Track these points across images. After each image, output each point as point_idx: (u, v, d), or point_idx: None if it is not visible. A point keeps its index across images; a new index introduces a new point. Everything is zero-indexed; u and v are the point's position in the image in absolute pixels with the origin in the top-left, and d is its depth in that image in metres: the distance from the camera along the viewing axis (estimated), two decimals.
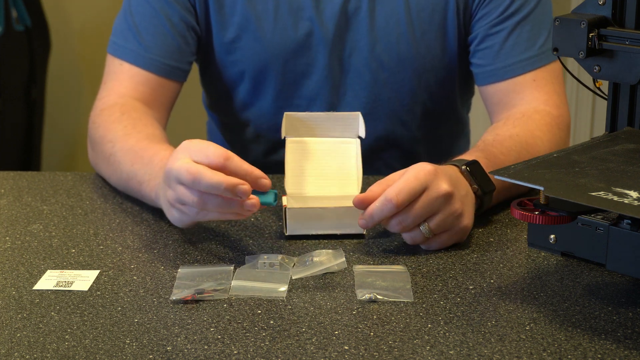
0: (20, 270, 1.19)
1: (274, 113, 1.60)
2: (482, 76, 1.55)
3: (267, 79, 1.58)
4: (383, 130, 1.61)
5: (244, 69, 1.58)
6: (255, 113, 1.62)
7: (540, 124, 1.46)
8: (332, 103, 1.58)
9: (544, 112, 1.49)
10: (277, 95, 1.59)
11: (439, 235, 1.23)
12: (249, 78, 1.59)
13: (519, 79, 1.52)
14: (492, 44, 1.53)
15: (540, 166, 1.12)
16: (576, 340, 1.02)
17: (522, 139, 1.42)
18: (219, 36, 1.56)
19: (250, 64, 1.57)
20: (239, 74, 1.59)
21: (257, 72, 1.57)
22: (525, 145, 1.41)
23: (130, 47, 1.53)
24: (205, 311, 1.08)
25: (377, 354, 0.99)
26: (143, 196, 1.36)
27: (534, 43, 1.52)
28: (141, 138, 1.41)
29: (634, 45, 1.18)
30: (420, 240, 1.22)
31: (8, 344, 1.01)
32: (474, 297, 1.11)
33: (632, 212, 0.99)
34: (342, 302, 1.10)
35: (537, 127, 1.46)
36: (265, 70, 1.57)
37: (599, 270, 1.18)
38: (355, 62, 1.56)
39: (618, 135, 1.22)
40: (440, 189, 1.20)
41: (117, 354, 0.99)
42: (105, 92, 1.54)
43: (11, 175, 1.52)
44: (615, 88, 1.24)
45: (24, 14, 2.98)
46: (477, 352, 0.99)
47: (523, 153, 1.38)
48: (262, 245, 1.26)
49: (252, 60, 1.56)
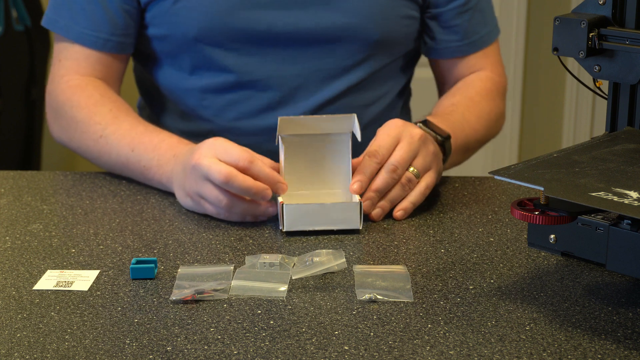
0: (20, 270, 1.19)
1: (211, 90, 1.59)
2: (444, 52, 1.64)
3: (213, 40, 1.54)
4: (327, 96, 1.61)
5: (188, 31, 1.54)
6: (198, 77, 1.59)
7: (481, 90, 1.62)
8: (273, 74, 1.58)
9: (487, 78, 1.64)
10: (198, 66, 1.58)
11: (425, 176, 1.36)
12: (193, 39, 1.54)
13: (474, 55, 1.64)
14: (461, 22, 1.61)
15: (540, 166, 1.12)
16: (576, 340, 1.02)
17: (462, 106, 1.57)
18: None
19: (195, 24, 1.53)
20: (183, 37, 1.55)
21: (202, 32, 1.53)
22: (464, 110, 1.56)
23: (74, 27, 1.55)
24: (205, 311, 1.08)
25: (377, 354, 0.99)
26: (148, 180, 1.44)
27: (491, 18, 1.66)
28: (134, 123, 1.48)
29: (634, 45, 1.18)
30: (412, 185, 1.34)
31: (8, 344, 1.01)
32: (474, 297, 1.11)
33: (632, 212, 0.99)
34: (342, 302, 1.10)
35: (477, 93, 1.61)
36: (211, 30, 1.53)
37: (599, 270, 1.18)
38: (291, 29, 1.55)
39: (618, 135, 1.22)
40: (414, 132, 1.35)
41: (117, 354, 0.99)
42: (64, 71, 1.57)
43: (11, 175, 1.52)
44: (615, 88, 1.24)
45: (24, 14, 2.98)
46: (477, 352, 0.99)
47: (464, 124, 1.53)
48: (262, 245, 1.26)
49: (197, 20, 1.52)
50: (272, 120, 1.55)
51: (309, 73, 1.57)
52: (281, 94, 1.57)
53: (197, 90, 1.58)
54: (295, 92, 1.57)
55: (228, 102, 1.58)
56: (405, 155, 1.33)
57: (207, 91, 1.58)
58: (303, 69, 1.56)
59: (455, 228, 1.31)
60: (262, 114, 1.58)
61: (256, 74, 1.56)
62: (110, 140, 1.48)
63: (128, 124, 1.48)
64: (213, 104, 1.58)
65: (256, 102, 1.57)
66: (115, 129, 1.48)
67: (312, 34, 1.54)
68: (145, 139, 1.44)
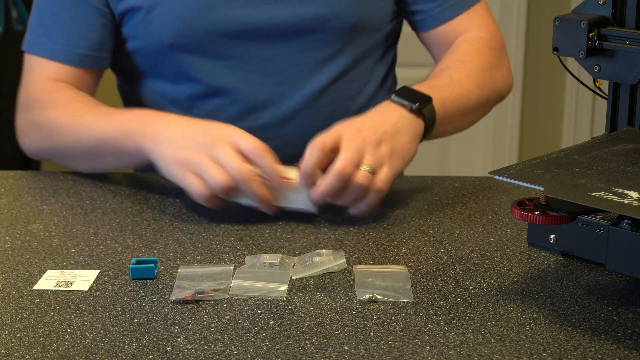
0: (20, 270, 1.19)
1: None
2: (427, 22, 1.61)
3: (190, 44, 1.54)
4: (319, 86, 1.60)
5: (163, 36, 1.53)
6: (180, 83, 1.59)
7: (468, 49, 1.57)
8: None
9: (473, 38, 1.59)
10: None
11: (382, 167, 1.30)
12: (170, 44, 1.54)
13: (457, 18, 1.61)
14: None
15: (540, 166, 1.12)
16: (576, 340, 1.02)
17: (450, 69, 1.52)
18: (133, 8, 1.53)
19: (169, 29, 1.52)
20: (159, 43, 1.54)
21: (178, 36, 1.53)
22: (452, 72, 1.51)
23: (47, 43, 1.55)
24: (205, 311, 1.08)
25: (377, 354, 0.99)
26: (122, 149, 1.41)
27: None
28: (113, 108, 1.47)
29: (634, 45, 1.18)
30: (369, 181, 1.29)
31: (8, 344, 1.01)
32: (474, 297, 1.11)
33: (632, 212, 0.99)
34: (342, 302, 1.10)
35: (465, 53, 1.56)
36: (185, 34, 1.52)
37: (599, 270, 1.18)
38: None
39: (618, 135, 1.22)
40: (351, 123, 1.32)
41: (117, 354, 0.99)
42: (35, 79, 1.56)
43: (11, 175, 1.52)
44: (615, 88, 1.24)
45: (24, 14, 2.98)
46: (477, 352, 0.99)
47: (452, 85, 1.48)
48: (262, 245, 1.26)
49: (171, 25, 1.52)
50: (262, 120, 1.56)
51: (290, 68, 1.56)
52: (266, 93, 1.56)
53: (183, 99, 1.58)
54: (279, 89, 1.56)
55: (215, 107, 1.57)
56: (351, 149, 1.29)
57: (193, 98, 1.57)
58: (283, 65, 1.55)
59: (455, 228, 1.31)
60: (250, 115, 1.57)
61: (236, 75, 1.55)
62: (85, 122, 1.46)
63: (105, 108, 1.47)
64: (201, 110, 1.57)
65: (242, 104, 1.56)
66: (91, 113, 1.47)
67: (287, 27, 1.53)
68: (126, 113, 1.44)
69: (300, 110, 1.58)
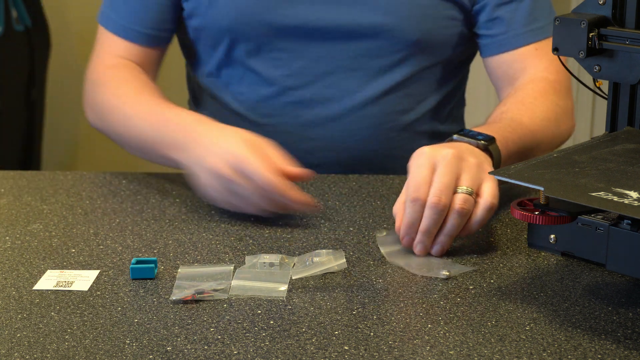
0: (20, 270, 1.19)
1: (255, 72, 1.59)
2: (492, 47, 1.56)
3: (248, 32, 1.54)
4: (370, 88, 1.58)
5: (222, 23, 1.55)
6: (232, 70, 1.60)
7: (533, 91, 1.50)
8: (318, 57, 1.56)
9: (539, 79, 1.52)
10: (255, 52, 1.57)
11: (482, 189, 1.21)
12: (228, 32, 1.55)
13: (523, 49, 1.55)
14: (502, 13, 1.55)
15: (540, 166, 1.12)
16: (576, 340, 1.02)
17: (511, 111, 1.45)
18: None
19: (230, 16, 1.53)
20: (218, 29, 1.56)
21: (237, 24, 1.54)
22: (514, 115, 1.44)
23: (114, 18, 1.59)
24: (205, 311, 1.08)
25: (377, 354, 0.99)
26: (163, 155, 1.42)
27: (541, 14, 1.56)
28: (154, 101, 1.47)
29: (634, 45, 1.18)
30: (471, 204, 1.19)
31: (8, 344, 1.01)
32: (474, 297, 1.11)
33: (632, 212, 0.99)
34: (342, 302, 1.10)
35: (527, 95, 1.49)
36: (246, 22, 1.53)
37: (599, 270, 1.18)
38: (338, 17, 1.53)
39: (618, 135, 1.22)
40: (445, 153, 1.20)
41: (117, 354, 0.99)
42: (103, 54, 1.60)
43: (11, 175, 1.52)
44: (615, 88, 1.24)
45: (24, 14, 2.98)
46: (477, 352, 0.99)
47: (514, 126, 1.40)
48: (262, 245, 1.26)
49: (232, 12, 1.53)
50: (304, 118, 1.55)
51: (342, 72, 1.55)
52: (313, 92, 1.55)
53: (232, 85, 1.59)
54: (328, 91, 1.55)
55: (261, 97, 1.57)
56: (444, 180, 1.19)
57: (240, 84, 1.58)
58: (336, 67, 1.54)
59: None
60: (294, 111, 1.56)
61: (287, 70, 1.55)
62: (127, 110, 1.48)
63: (149, 99, 1.48)
64: (247, 100, 1.58)
65: (288, 99, 1.56)
66: (136, 103, 1.48)
67: (346, 31, 1.51)
68: (166, 115, 1.43)
69: (345, 115, 1.56)
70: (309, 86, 1.56)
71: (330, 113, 1.56)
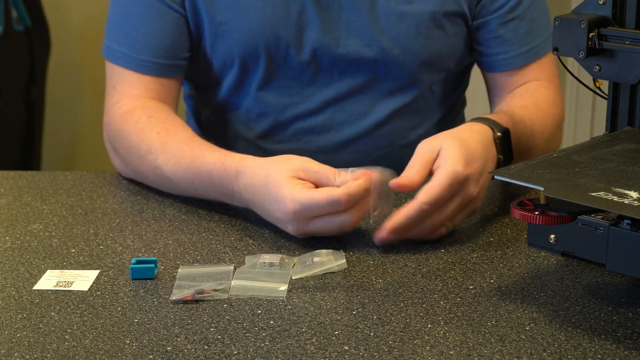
0: (20, 270, 1.19)
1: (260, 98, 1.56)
2: (494, 65, 1.57)
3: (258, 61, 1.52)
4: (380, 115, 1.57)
5: (233, 52, 1.52)
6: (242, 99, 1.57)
7: (546, 96, 1.54)
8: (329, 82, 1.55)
9: (549, 88, 1.56)
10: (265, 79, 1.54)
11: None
12: (238, 61, 1.53)
13: (524, 68, 1.56)
14: (502, 33, 1.54)
15: (540, 166, 1.12)
16: (576, 340, 1.02)
17: (532, 109, 1.50)
18: (208, 19, 1.51)
19: (240, 45, 1.51)
20: (229, 57, 1.53)
21: (247, 53, 1.52)
22: (535, 112, 1.49)
23: (125, 52, 1.51)
24: (205, 311, 1.08)
25: (377, 354, 0.99)
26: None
27: (539, 30, 1.57)
28: (183, 149, 1.39)
29: (634, 45, 1.18)
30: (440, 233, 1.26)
31: (8, 344, 1.01)
32: (474, 297, 1.11)
33: (632, 212, 0.99)
34: (342, 302, 1.10)
35: (543, 99, 1.54)
36: (256, 51, 1.51)
37: (599, 270, 1.18)
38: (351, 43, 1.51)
39: (618, 135, 1.22)
40: (469, 193, 1.24)
41: (117, 354, 0.99)
42: (117, 97, 1.51)
43: (11, 175, 1.52)
44: (615, 88, 1.24)
45: (24, 14, 2.98)
46: (477, 352, 0.99)
47: (534, 121, 1.47)
48: (262, 245, 1.26)
49: (242, 41, 1.51)
50: (316, 144, 1.55)
51: (352, 97, 1.54)
52: (324, 118, 1.54)
53: (242, 114, 1.56)
54: (338, 116, 1.54)
55: (270, 126, 1.56)
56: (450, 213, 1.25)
57: (250, 114, 1.56)
58: (345, 93, 1.53)
59: (455, 228, 1.31)
60: (305, 138, 1.55)
61: (296, 98, 1.53)
62: (165, 172, 1.40)
63: (176, 149, 1.39)
64: (255, 128, 1.56)
65: (299, 126, 1.55)
66: (165, 159, 1.39)
67: (356, 58, 1.50)
68: (200, 166, 1.35)
69: (357, 139, 1.56)
70: (320, 113, 1.54)
71: (341, 138, 1.55)
